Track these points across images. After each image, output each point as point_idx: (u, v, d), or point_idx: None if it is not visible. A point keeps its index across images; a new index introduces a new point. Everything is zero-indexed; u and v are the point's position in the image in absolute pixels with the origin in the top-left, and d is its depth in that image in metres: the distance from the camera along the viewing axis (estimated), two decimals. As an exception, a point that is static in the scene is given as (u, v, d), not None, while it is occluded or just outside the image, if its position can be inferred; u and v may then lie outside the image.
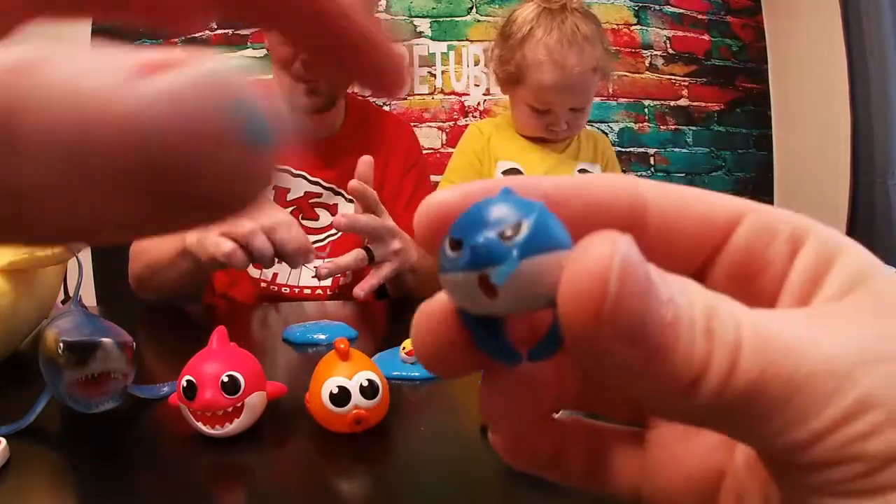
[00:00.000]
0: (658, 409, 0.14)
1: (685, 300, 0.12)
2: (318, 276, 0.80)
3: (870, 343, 0.12)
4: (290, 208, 1.03)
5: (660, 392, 0.12)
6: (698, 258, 0.15)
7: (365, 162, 0.83)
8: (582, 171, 1.13)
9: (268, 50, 1.02)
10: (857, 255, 0.14)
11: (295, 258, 0.76)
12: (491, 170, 1.12)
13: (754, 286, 0.15)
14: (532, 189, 0.14)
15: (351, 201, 1.08)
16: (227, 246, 0.72)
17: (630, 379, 0.12)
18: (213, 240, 0.73)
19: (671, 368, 0.11)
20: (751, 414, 0.11)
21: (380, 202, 0.84)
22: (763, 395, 0.11)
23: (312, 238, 1.06)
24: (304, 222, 1.05)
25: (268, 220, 0.75)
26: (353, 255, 0.82)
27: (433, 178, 1.24)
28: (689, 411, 0.12)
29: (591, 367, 0.12)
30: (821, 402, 0.11)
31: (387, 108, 1.77)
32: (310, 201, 1.05)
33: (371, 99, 1.22)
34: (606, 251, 0.11)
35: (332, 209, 1.06)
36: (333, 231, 1.05)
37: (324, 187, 1.05)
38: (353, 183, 0.81)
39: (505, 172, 1.11)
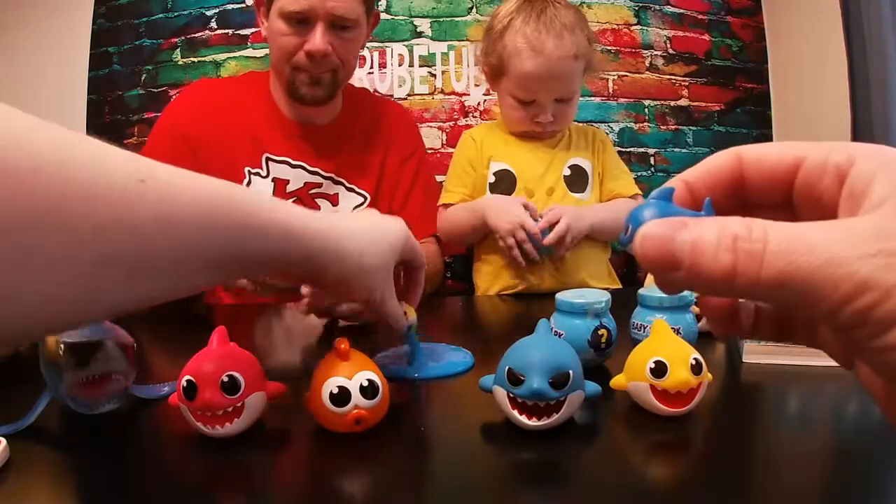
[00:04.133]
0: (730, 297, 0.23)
1: (713, 233, 0.18)
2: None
3: (870, 242, 0.17)
4: (291, 199, 1.02)
5: (717, 289, 0.18)
6: (783, 189, 0.22)
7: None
8: (573, 166, 1.12)
9: (267, 39, 1.00)
10: (891, 175, 0.18)
11: None
12: (483, 172, 1.13)
13: (820, 209, 0.21)
14: (678, 181, 0.23)
15: (351, 190, 1.07)
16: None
17: (701, 289, 0.19)
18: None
19: (707, 275, 0.18)
20: (788, 293, 0.17)
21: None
22: (792, 280, 0.17)
23: None
24: None
25: None
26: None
27: (432, 174, 1.24)
28: (741, 295, 0.18)
29: (674, 288, 0.19)
30: (832, 286, 0.16)
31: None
32: (310, 192, 1.04)
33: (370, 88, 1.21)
34: (638, 234, 0.19)
35: (333, 199, 1.05)
36: None
37: (323, 177, 1.04)
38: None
39: (496, 173, 1.12)
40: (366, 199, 1.07)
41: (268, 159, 1.02)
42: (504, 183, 1.11)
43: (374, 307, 0.51)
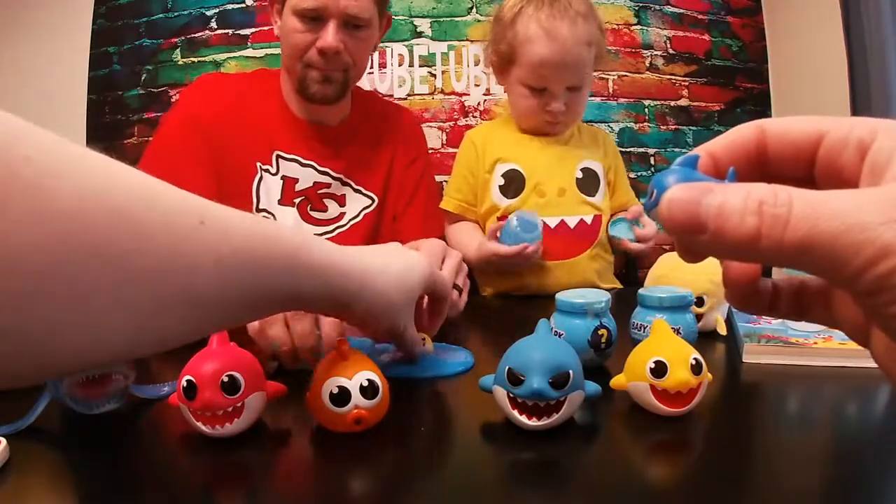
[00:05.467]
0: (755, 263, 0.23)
1: (739, 197, 0.18)
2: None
3: (893, 208, 0.17)
4: (299, 199, 1.02)
5: (741, 253, 0.19)
6: (805, 162, 0.22)
7: None
8: (585, 168, 1.11)
9: (280, 38, 1.00)
10: None
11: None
12: (486, 177, 1.11)
13: (841, 182, 0.21)
14: (702, 151, 0.23)
15: (358, 191, 1.07)
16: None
17: (725, 253, 0.20)
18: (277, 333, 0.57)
19: (732, 238, 0.18)
20: (812, 257, 0.17)
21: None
22: (815, 244, 0.17)
23: (320, 230, 1.04)
24: (313, 213, 1.03)
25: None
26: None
27: (434, 178, 1.24)
28: (765, 259, 0.18)
29: (697, 253, 0.21)
30: (854, 250, 0.17)
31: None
32: (318, 192, 1.03)
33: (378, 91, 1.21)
34: (664, 197, 0.20)
35: (341, 200, 1.05)
36: (342, 223, 1.04)
37: (332, 177, 1.04)
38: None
39: (504, 174, 1.10)
40: (373, 200, 1.07)
41: (278, 156, 1.02)
42: (513, 184, 1.09)
43: (394, 337, 0.53)
